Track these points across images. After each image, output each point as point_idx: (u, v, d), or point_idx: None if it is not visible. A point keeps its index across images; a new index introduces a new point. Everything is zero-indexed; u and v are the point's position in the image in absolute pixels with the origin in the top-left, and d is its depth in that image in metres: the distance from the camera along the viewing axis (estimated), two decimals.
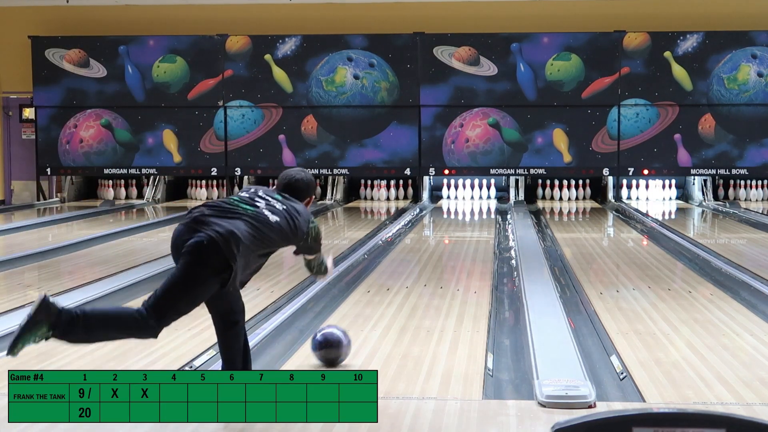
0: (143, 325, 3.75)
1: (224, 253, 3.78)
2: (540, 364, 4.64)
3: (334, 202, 15.21)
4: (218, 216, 3.90)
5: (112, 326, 3.75)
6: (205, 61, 15.52)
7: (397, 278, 7.64)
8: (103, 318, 3.75)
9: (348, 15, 15.68)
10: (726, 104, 14.93)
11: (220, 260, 3.79)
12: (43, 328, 3.56)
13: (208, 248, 3.78)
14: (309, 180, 4.36)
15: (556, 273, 7.91)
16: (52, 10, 16.05)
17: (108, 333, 3.78)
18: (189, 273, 3.78)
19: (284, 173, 4.37)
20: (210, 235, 3.79)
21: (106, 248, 9.68)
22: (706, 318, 5.99)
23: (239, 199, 4.08)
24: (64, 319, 3.60)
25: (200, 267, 3.78)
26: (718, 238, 10.86)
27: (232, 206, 3.99)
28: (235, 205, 4.01)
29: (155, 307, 3.76)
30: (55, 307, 3.59)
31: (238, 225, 3.88)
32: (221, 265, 3.80)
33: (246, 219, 3.93)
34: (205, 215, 3.91)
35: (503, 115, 15.18)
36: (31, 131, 16.18)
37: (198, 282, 3.79)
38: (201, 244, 3.78)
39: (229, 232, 3.81)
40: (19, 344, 3.50)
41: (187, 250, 3.80)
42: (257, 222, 3.94)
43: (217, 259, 3.79)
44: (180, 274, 3.79)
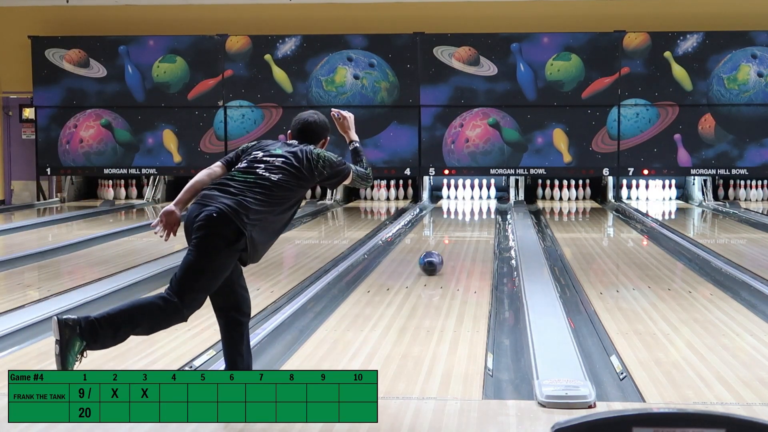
0: (168, 308, 3.77)
1: (235, 222, 3.83)
2: (540, 364, 4.64)
3: (334, 202, 15.20)
4: (224, 192, 3.95)
5: (138, 319, 3.76)
6: (205, 61, 15.52)
7: (397, 278, 7.64)
8: (127, 314, 3.75)
9: (348, 15, 15.68)
10: (726, 104, 14.92)
11: (232, 230, 3.84)
12: (76, 342, 3.60)
13: (218, 219, 3.83)
14: (320, 122, 4.38)
15: (556, 273, 7.90)
16: (52, 10, 16.05)
17: (135, 328, 3.77)
18: (203, 246, 3.82)
19: (296, 118, 4.40)
20: (219, 207, 3.85)
21: (106, 248, 9.68)
22: (706, 318, 5.98)
23: (239, 171, 4.09)
24: (86, 327, 3.62)
25: (213, 238, 3.82)
26: (718, 238, 10.85)
27: (235, 179, 4.02)
28: (237, 177, 4.03)
29: (177, 288, 3.80)
30: (73, 320, 3.62)
31: (245, 195, 3.92)
32: (234, 236, 3.84)
33: (250, 187, 3.96)
34: (213, 192, 3.96)
35: (503, 115, 15.18)
36: (31, 131, 16.18)
37: (214, 254, 3.82)
38: (211, 217, 3.83)
39: (236, 203, 3.88)
40: (68, 366, 3.57)
41: (198, 225, 3.85)
42: (261, 188, 3.98)
43: (229, 229, 3.84)
44: (195, 249, 3.83)
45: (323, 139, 4.39)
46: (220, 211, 3.84)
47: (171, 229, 4.03)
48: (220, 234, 3.83)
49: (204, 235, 3.82)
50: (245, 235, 3.87)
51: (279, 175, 4.05)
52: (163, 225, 4.02)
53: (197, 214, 3.89)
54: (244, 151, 4.27)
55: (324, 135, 4.40)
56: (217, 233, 3.82)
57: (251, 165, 4.11)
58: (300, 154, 4.16)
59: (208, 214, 3.85)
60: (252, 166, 4.10)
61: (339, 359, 4.97)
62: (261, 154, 4.18)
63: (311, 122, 4.36)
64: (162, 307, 3.77)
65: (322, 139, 4.38)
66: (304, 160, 4.13)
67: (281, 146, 4.22)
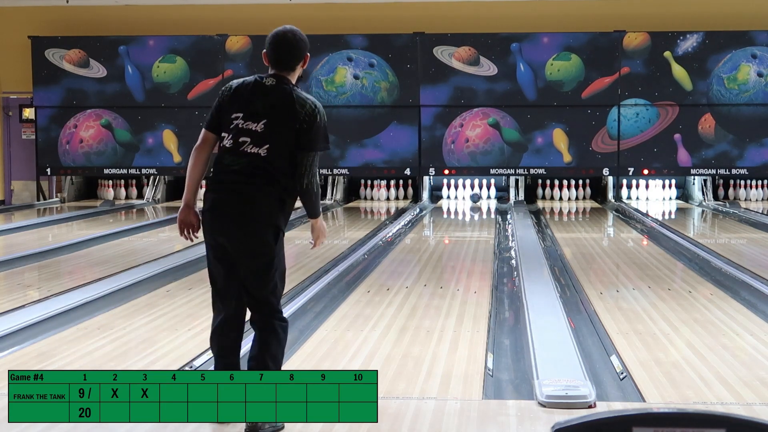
0: (279, 336, 3.81)
1: (264, 206, 3.74)
2: (540, 364, 4.64)
3: (334, 202, 15.21)
4: (236, 182, 3.77)
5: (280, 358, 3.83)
6: (205, 61, 15.52)
7: (397, 278, 7.64)
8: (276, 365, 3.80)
9: (348, 15, 15.68)
10: (726, 104, 14.92)
11: (269, 212, 3.75)
12: None
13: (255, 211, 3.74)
14: (299, 37, 3.89)
15: (556, 273, 7.90)
16: (52, 10, 16.05)
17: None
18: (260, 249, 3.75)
19: (269, 37, 3.92)
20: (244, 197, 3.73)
21: (106, 248, 9.68)
22: (706, 318, 5.99)
23: (231, 161, 3.79)
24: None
25: (262, 230, 3.75)
26: (718, 238, 10.85)
27: (234, 167, 3.78)
28: (235, 165, 3.78)
29: (273, 302, 3.80)
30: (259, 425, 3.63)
31: (252, 180, 3.75)
32: (271, 217, 3.76)
33: (250, 171, 3.75)
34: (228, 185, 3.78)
35: (503, 115, 15.18)
36: (31, 131, 16.18)
37: (272, 249, 3.78)
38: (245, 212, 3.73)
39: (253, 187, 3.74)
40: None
41: (237, 225, 3.73)
42: (257, 168, 3.74)
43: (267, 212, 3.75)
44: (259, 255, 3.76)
45: (304, 58, 3.92)
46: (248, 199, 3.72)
47: (195, 229, 3.95)
48: (266, 223, 3.76)
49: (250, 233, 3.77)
50: (281, 212, 3.79)
51: (267, 145, 3.76)
52: (186, 231, 3.94)
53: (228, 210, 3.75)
54: (221, 109, 3.88)
55: (304, 52, 3.91)
56: (262, 224, 3.75)
57: (239, 146, 3.78)
58: (283, 108, 3.78)
59: (242, 211, 3.72)
60: (241, 147, 3.77)
61: (339, 359, 4.97)
62: (243, 125, 3.80)
63: (289, 39, 3.88)
64: (283, 330, 3.83)
65: (302, 58, 3.91)
66: (284, 115, 3.77)
67: (260, 98, 3.81)
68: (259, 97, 3.83)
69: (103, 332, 5.60)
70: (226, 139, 3.84)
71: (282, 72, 3.91)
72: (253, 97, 3.84)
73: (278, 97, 3.82)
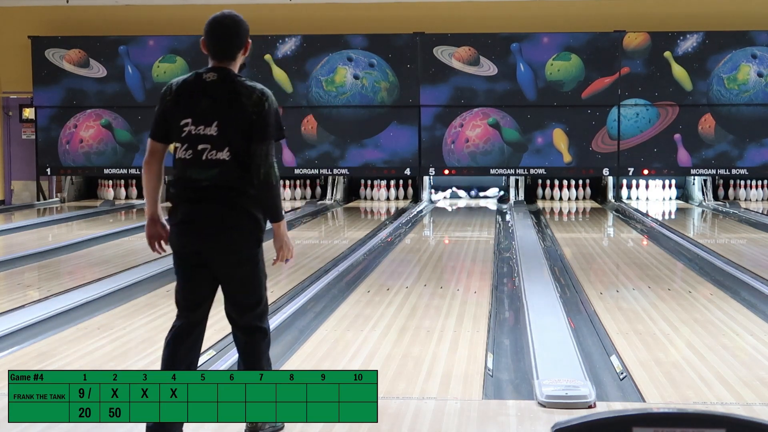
0: (267, 339, 3.68)
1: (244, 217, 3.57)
2: (540, 364, 4.64)
3: (334, 202, 15.21)
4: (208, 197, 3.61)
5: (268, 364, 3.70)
6: (205, 61, 15.44)
7: (397, 278, 7.64)
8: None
9: (348, 15, 15.68)
10: (726, 104, 14.92)
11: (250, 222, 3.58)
12: None
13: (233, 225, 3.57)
14: (237, 21, 3.70)
15: (556, 273, 7.90)
16: (52, 10, 16.05)
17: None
18: (245, 257, 3.58)
19: (206, 26, 3.71)
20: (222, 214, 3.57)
21: (106, 248, 9.68)
22: (706, 318, 5.98)
23: (199, 174, 3.64)
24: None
25: (246, 239, 3.58)
26: (718, 238, 10.85)
27: (204, 182, 3.62)
28: (204, 180, 3.62)
29: (258, 315, 3.64)
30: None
31: (226, 191, 3.57)
32: (252, 226, 3.59)
33: (222, 182, 3.57)
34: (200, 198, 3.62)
35: (503, 115, 15.17)
36: (31, 131, 16.18)
37: (257, 254, 3.61)
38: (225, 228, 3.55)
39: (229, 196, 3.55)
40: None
41: (218, 238, 3.56)
42: (227, 176, 3.57)
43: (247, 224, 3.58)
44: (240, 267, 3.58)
45: (246, 44, 3.72)
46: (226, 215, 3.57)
47: (165, 241, 3.78)
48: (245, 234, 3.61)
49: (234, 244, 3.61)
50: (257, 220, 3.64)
51: (227, 147, 3.55)
52: (157, 244, 3.78)
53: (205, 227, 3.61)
54: (166, 116, 3.67)
55: (245, 38, 3.69)
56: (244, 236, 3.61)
57: (201, 154, 3.59)
58: (231, 105, 3.57)
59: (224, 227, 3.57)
60: (202, 155, 3.59)
61: (339, 359, 4.97)
62: (196, 130, 3.60)
63: (227, 26, 3.68)
64: (266, 341, 3.67)
65: (243, 45, 3.70)
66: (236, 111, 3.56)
67: (204, 98, 3.61)
68: (204, 96, 3.61)
69: (103, 332, 5.60)
70: (181, 150, 3.63)
71: (222, 62, 3.69)
72: (197, 98, 3.61)
73: (223, 93, 3.59)
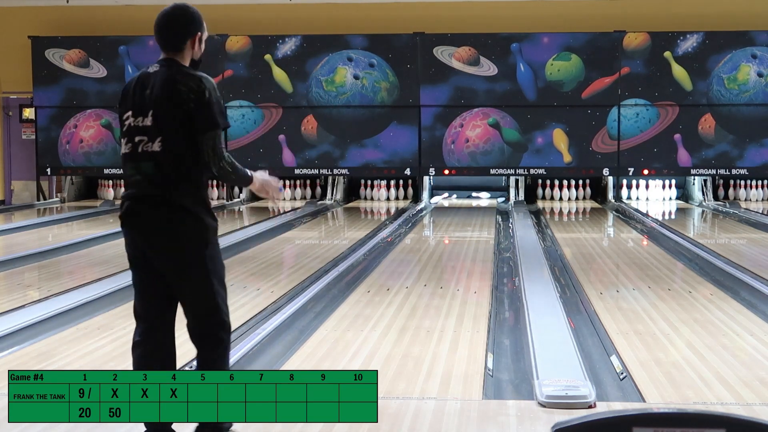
0: (227, 340, 3.58)
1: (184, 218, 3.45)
2: (540, 364, 4.64)
3: (334, 202, 15.20)
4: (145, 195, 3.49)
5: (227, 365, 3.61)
6: (205, 61, 15.24)
7: (397, 278, 7.64)
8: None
9: (348, 15, 15.68)
10: (726, 104, 14.92)
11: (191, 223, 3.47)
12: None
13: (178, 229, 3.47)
14: (178, 16, 3.55)
15: (556, 273, 7.90)
16: (52, 10, 16.05)
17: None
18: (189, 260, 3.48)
19: (155, 22, 3.55)
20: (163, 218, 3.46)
21: (106, 248, 9.67)
22: (706, 318, 5.99)
23: (133, 169, 3.49)
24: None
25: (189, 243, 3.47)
26: (718, 238, 10.85)
27: (137, 176, 3.49)
28: (137, 175, 3.49)
29: (213, 318, 3.55)
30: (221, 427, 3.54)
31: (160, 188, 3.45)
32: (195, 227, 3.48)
33: (156, 177, 3.46)
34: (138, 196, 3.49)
35: (503, 115, 15.17)
36: (31, 131, 16.18)
37: (208, 253, 3.49)
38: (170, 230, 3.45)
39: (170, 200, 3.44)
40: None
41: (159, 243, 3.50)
42: (159, 170, 3.45)
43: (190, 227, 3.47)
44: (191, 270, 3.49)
45: (194, 35, 3.58)
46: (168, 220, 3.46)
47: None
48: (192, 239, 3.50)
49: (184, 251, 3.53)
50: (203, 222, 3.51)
51: (159, 142, 3.44)
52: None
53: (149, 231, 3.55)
54: (119, 114, 3.58)
55: (193, 29, 3.56)
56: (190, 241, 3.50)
57: (140, 155, 3.46)
58: (165, 93, 3.44)
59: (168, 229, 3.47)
60: (139, 154, 3.46)
61: (339, 359, 4.97)
62: (131, 117, 3.49)
63: (171, 17, 3.52)
64: (225, 344, 3.58)
65: (190, 36, 3.56)
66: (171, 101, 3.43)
67: (144, 89, 3.48)
68: (144, 88, 3.49)
69: (103, 332, 5.60)
70: (123, 145, 3.54)
71: (169, 54, 3.58)
72: (138, 90, 3.50)
73: (159, 82, 3.47)
